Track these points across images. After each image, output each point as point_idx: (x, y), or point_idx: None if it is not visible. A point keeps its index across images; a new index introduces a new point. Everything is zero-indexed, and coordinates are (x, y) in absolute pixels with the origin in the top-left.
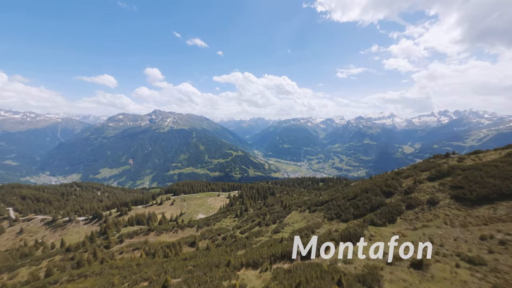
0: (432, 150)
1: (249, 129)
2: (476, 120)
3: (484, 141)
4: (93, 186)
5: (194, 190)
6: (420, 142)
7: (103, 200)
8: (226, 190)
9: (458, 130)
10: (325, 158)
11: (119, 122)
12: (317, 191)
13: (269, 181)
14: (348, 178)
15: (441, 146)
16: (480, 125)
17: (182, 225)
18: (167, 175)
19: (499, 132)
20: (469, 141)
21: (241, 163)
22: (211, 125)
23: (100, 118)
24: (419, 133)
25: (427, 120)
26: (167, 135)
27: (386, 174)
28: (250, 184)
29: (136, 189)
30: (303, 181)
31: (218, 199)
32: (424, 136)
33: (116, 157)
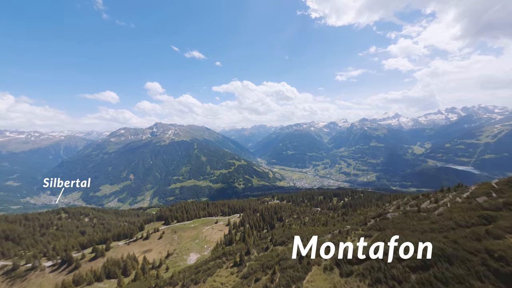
0: (444, 149)
1: (251, 137)
2: (486, 115)
3: (500, 137)
4: (81, 211)
5: (189, 215)
6: (430, 141)
7: (86, 231)
8: (226, 214)
9: (470, 127)
10: (331, 163)
11: (121, 137)
12: (333, 212)
13: (275, 195)
14: (365, 191)
15: (453, 145)
16: (492, 121)
17: (162, 284)
18: (168, 189)
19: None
20: (483, 138)
21: (244, 172)
22: (213, 135)
23: (103, 133)
24: (428, 132)
25: (434, 118)
26: (168, 147)
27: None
28: (253, 203)
29: (131, 211)
30: (313, 196)
31: (216, 227)
32: (434, 135)
33: (117, 173)
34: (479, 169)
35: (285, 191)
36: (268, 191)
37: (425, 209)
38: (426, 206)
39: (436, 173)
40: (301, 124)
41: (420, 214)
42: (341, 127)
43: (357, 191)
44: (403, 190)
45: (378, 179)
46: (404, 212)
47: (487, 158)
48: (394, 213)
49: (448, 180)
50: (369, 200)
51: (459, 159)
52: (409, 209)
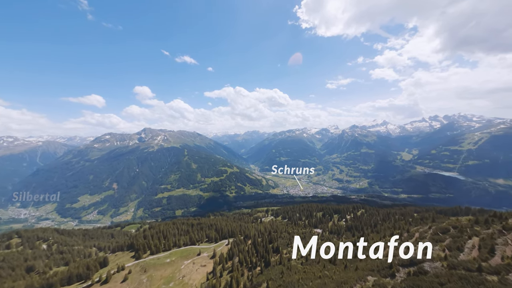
0: (431, 155)
1: (244, 143)
2: (466, 123)
3: (480, 144)
4: (39, 235)
5: (166, 243)
6: (417, 148)
7: (36, 267)
8: (212, 240)
9: (452, 134)
10: (324, 169)
11: (105, 143)
12: (337, 238)
13: (269, 210)
14: (366, 205)
15: (439, 152)
16: (472, 128)
17: None
18: (155, 199)
19: (492, 135)
20: (465, 145)
21: (237, 180)
22: (204, 141)
23: (86, 139)
24: (414, 139)
25: (419, 126)
26: (157, 154)
27: None
28: (245, 224)
29: (105, 230)
30: (311, 212)
31: (198, 261)
32: (420, 142)
33: (98, 182)
34: (464, 175)
35: (279, 200)
36: (261, 199)
37: (489, 269)
38: (482, 257)
39: (424, 179)
40: (294, 130)
41: (481, 277)
42: (332, 133)
43: (357, 206)
44: (394, 197)
45: (370, 185)
46: (452, 267)
47: (470, 164)
48: (434, 264)
49: (436, 186)
50: (374, 219)
51: (445, 165)
52: (456, 261)
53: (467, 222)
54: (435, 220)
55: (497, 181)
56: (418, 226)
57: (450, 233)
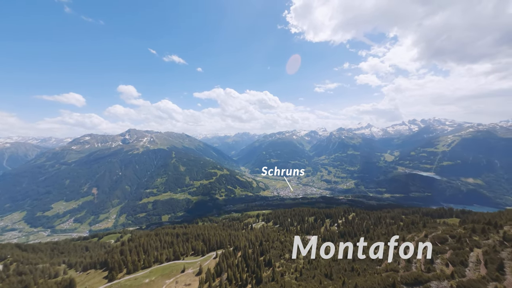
0: (410, 157)
1: (234, 145)
2: (440, 127)
3: (453, 146)
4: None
5: (147, 259)
6: (398, 149)
7: None
8: (198, 253)
9: (428, 137)
10: (313, 171)
11: (85, 144)
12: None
13: (260, 215)
14: (357, 209)
15: (417, 153)
16: (445, 132)
17: None
18: (139, 204)
19: (462, 138)
20: (440, 147)
21: (227, 183)
22: (193, 143)
23: (63, 140)
24: (395, 141)
25: (400, 129)
26: (142, 156)
27: None
28: (234, 232)
29: (78, 243)
30: (302, 217)
31: (182, 281)
32: (401, 144)
33: (75, 187)
34: (439, 175)
35: (269, 202)
36: (252, 202)
37: None
38: (492, 275)
39: (405, 179)
40: (284, 132)
41: None
42: (321, 135)
43: (348, 210)
44: (379, 197)
45: (356, 186)
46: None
47: (445, 165)
48: (442, 284)
49: (415, 185)
50: (366, 224)
51: (423, 165)
52: (465, 281)
53: (464, 231)
54: (426, 224)
55: (468, 180)
56: (412, 233)
57: (449, 243)
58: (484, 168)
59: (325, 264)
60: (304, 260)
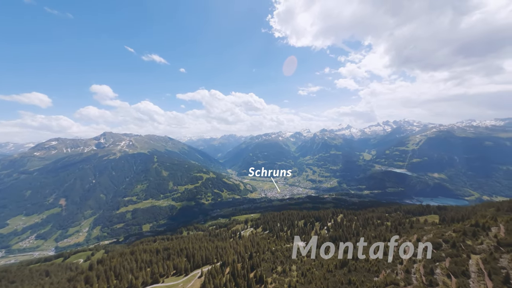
0: (385, 155)
1: (220, 147)
2: (410, 128)
3: (420, 144)
4: None
5: (119, 284)
6: (374, 149)
7: None
8: (181, 271)
9: (400, 137)
10: (299, 171)
11: (51, 150)
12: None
13: (248, 221)
14: (345, 210)
15: (391, 152)
16: (414, 132)
17: None
18: (117, 214)
19: (428, 137)
20: (410, 146)
21: (213, 186)
22: (177, 146)
23: (24, 145)
24: (372, 141)
25: (375, 130)
26: (119, 161)
27: None
28: (222, 242)
29: (37, 268)
30: (292, 221)
31: None
32: (376, 144)
33: (38, 199)
34: (411, 171)
35: (257, 204)
36: (240, 205)
37: None
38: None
39: (382, 176)
40: (270, 134)
41: None
42: (305, 136)
43: (336, 211)
44: (359, 194)
45: (339, 184)
46: None
47: (415, 162)
48: None
49: (390, 181)
50: (355, 226)
51: (397, 163)
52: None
53: (456, 235)
54: (413, 225)
55: (434, 175)
56: (403, 237)
57: (443, 249)
58: (446, 164)
59: (320, 276)
60: (298, 272)
